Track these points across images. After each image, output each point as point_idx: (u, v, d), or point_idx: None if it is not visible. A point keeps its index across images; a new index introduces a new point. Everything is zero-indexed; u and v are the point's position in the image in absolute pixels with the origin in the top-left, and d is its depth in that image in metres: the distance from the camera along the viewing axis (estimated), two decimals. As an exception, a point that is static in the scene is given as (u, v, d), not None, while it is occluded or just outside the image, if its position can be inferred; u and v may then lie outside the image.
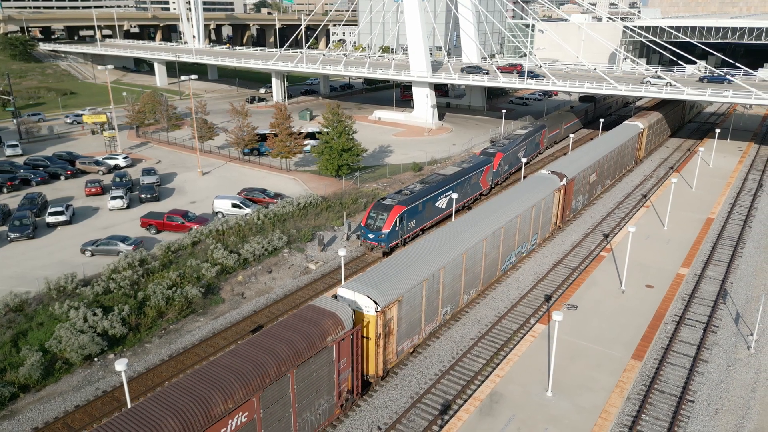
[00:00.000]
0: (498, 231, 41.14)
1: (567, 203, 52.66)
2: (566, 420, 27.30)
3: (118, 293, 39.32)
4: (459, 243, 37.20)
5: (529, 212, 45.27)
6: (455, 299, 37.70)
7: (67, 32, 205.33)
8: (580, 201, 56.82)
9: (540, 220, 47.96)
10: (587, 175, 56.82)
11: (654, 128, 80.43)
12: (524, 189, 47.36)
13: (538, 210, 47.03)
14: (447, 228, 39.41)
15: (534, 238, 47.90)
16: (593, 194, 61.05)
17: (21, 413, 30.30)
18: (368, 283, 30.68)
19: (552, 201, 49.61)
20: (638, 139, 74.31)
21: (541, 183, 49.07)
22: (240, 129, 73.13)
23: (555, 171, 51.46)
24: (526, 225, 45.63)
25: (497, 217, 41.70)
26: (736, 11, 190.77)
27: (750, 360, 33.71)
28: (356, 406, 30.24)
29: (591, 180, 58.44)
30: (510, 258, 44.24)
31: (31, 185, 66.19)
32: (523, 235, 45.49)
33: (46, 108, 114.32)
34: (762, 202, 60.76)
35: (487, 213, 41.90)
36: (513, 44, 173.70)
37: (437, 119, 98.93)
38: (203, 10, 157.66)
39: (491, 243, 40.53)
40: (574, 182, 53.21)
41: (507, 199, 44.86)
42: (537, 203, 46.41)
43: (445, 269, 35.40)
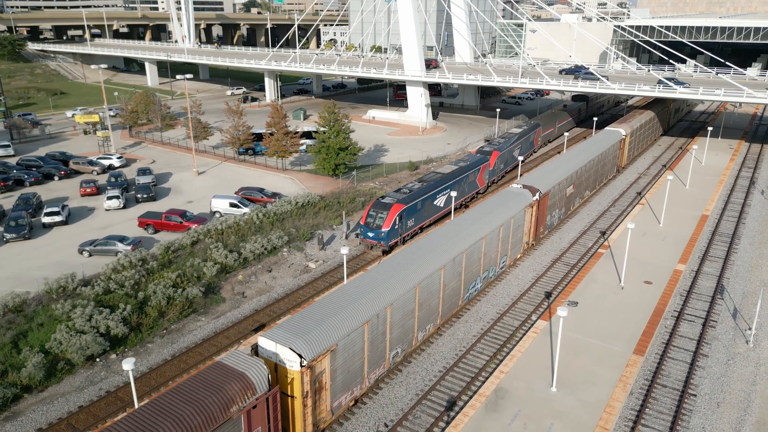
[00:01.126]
0: (459, 257, 36.63)
1: (541, 219, 48.66)
2: (571, 415, 27.54)
3: (118, 293, 39.12)
4: (411, 274, 32.50)
5: (496, 233, 40.98)
6: (407, 338, 33.08)
7: (55, 32, 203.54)
8: (556, 216, 52.62)
9: (510, 241, 43.73)
10: (563, 187, 52.73)
11: (638, 134, 76.94)
12: (492, 207, 42.80)
13: (507, 229, 42.84)
14: (398, 256, 34.52)
15: (503, 260, 43.63)
16: (571, 207, 56.92)
17: (24, 414, 30.09)
18: (294, 331, 25.97)
19: (523, 218, 45.41)
20: (620, 146, 70.64)
21: (511, 199, 44.82)
22: (235, 128, 72.90)
23: (527, 185, 47.42)
24: (493, 247, 41.16)
25: (458, 240, 37.15)
26: (723, 11, 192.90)
27: (749, 354, 34.16)
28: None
29: (568, 193, 54.24)
30: (475, 285, 39.78)
31: (25, 186, 65.58)
32: (489, 259, 40.93)
33: (37, 108, 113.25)
34: (755, 199, 61.54)
35: (447, 236, 37.29)
36: (504, 44, 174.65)
37: (431, 118, 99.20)
38: (193, 10, 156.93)
39: (451, 271, 36.05)
40: (549, 196, 49.23)
41: (471, 219, 40.17)
42: (506, 222, 42.17)
43: (394, 307, 30.79)
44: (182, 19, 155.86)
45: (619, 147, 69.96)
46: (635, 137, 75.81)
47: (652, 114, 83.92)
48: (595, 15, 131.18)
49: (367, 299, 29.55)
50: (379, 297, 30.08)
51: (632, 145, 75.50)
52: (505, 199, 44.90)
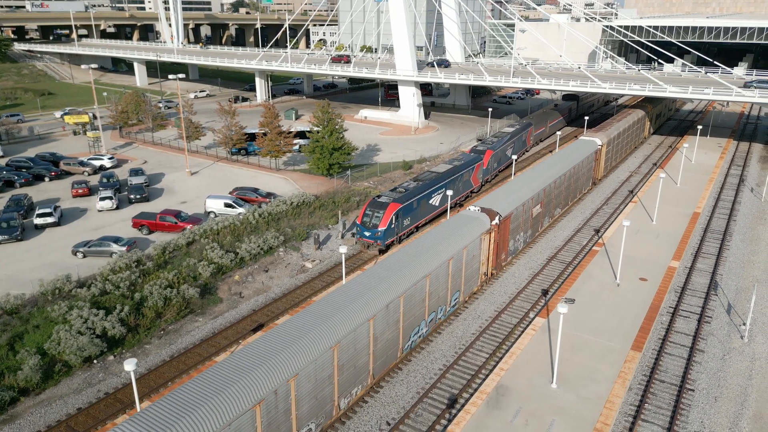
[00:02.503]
0: (395, 303, 30.91)
1: (502, 245, 43.50)
2: (572, 411, 27.76)
3: (115, 294, 38.83)
4: (327, 332, 26.46)
5: (443, 268, 35.46)
6: (325, 408, 27.21)
7: (42, 32, 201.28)
8: (521, 240, 47.46)
9: (462, 274, 38.38)
10: (529, 208, 47.52)
11: (616, 142, 71.72)
12: (441, 236, 37.27)
13: (459, 262, 37.51)
14: (315, 307, 28.37)
15: (455, 297, 38.12)
16: (539, 229, 51.58)
17: (22, 417, 29.78)
18: (154, 423, 20.32)
19: (479, 247, 39.98)
20: (596, 158, 64.80)
21: (465, 226, 39.08)
22: (228, 128, 72.59)
23: (485, 208, 41.89)
24: (441, 284, 35.71)
25: (394, 282, 31.15)
26: (709, 11, 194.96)
27: (744, 349, 34.63)
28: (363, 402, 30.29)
29: (535, 213, 49.02)
30: (418, 330, 34.45)
31: (15, 187, 64.87)
32: (436, 298, 35.64)
33: (25, 109, 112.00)
34: (745, 196, 62.33)
35: (381, 278, 31.35)
36: (495, 44, 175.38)
37: (423, 118, 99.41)
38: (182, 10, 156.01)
39: (385, 321, 30.36)
40: (511, 219, 44.08)
41: (414, 254, 34.45)
42: (456, 254, 36.78)
43: (300, 378, 24.76)
44: (170, 19, 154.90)
45: (594, 158, 64.33)
46: (613, 146, 70.88)
47: (632, 120, 79.40)
48: (583, 15, 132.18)
49: (265, 368, 23.38)
50: (281, 366, 23.94)
51: (610, 155, 70.42)
52: (457, 226, 38.98)
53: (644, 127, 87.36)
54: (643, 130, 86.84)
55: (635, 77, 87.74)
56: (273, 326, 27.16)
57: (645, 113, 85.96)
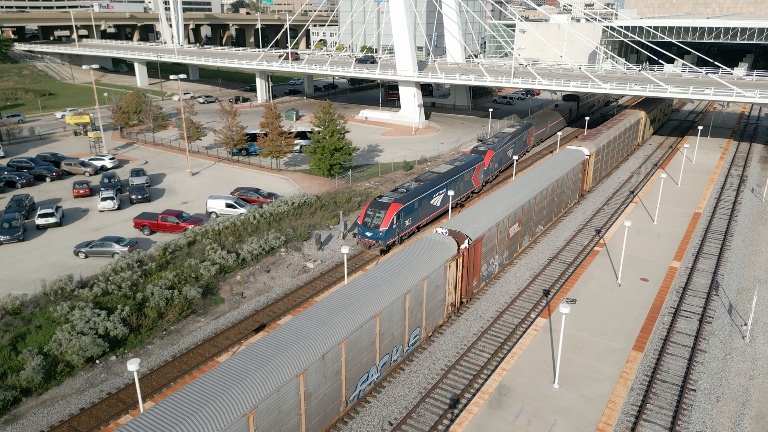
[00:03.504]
0: (333, 351, 26.27)
1: (473, 271, 39.22)
2: (575, 410, 27.79)
3: (117, 294, 38.87)
4: (240, 396, 21.83)
5: (399, 304, 31.00)
6: None
7: (42, 32, 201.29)
8: (495, 263, 43.09)
9: (423, 308, 33.93)
10: (505, 227, 43.23)
11: (605, 151, 67.53)
12: (399, 265, 32.73)
13: (419, 295, 33.02)
14: (233, 361, 23.50)
15: (415, 334, 33.69)
16: (517, 249, 47.31)
17: (25, 417, 29.82)
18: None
19: (444, 276, 35.55)
20: (583, 169, 60.22)
21: (428, 252, 34.67)
22: (229, 129, 72.64)
23: (453, 230, 37.80)
24: (396, 322, 31.18)
25: (335, 326, 26.59)
26: (709, 11, 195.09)
27: (746, 349, 34.67)
28: (366, 402, 30.34)
29: (512, 233, 44.86)
30: (367, 378, 29.73)
31: (16, 187, 64.94)
32: (390, 339, 31.02)
33: (25, 109, 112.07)
34: (745, 196, 62.38)
35: (319, 320, 26.71)
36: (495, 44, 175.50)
37: (424, 118, 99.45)
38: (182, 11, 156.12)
39: (320, 373, 25.55)
40: (483, 242, 39.71)
41: (363, 287, 30.00)
42: (415, 286, 32.29)
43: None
44: (171, 20, 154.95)
45: (581, 169, 59.80)
46: (603, 155, 66.85)
47: (624, 127, 75.15)
48: (584, 15, 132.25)
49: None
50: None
51: (599, 165, 66.17)
52: (419, 253, 34.52)
53: (637, 134, 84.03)
54: (636, 136, 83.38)
55: (636, 78, 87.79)
56: (182, 387, 22.43)
57: (638, 119, 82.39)
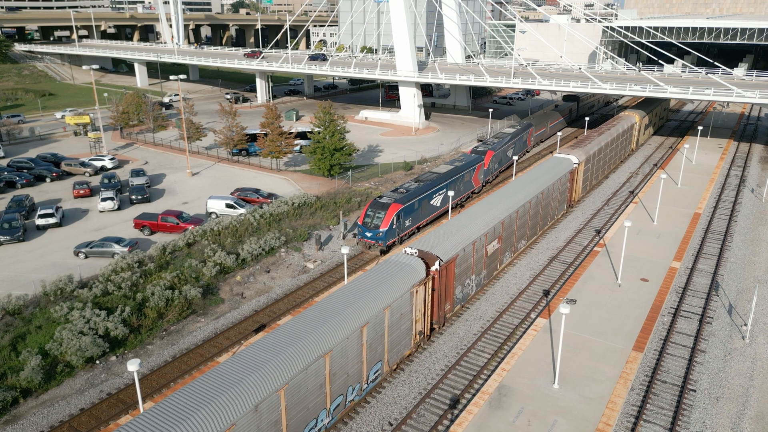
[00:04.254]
0: (270, 401, 23.03)
1: (445, 295, 36.21)
2: (575, 411, 27.79)
3: (117, 295, 38.87)
4: None
5: (355, 338, 27.77)
6: None
7: (42, 33, 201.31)
8: (472, 284, 39.84)
9: (385, 340, 30.61)
10: (482, 245, 39.92)
11: (596, 159, 63.93)
12: (358, 292, 29.49)
13: (379, 326, 29.67)
14: (139, 421, 20.42)
15: (375, 369, 30.37)
16: (497, 267, 43.91)
17: (25, 417, 29.83)
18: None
19: (410, 302, 32.20)
20: (571, 178, 57.12)
21: (393, 277, 31.31)
22: (229, 129, 72.65)
23: (423, 251, 34.65)
24: (351, 359, 27.94)
25: (272, 370, 23.22)
26: (709, 12, 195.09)
27: (746, 349, 34.67)
28: (365, 402, 30.35)
29: (490, 250, 41.36)
30: (316, 424, 26.41)
31: (16, 188, 64.95)
32: (344, 378, 27.66)
33: (25, 109, 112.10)
34: (745, 197, 62.39)
35: (254, 363, 23.38)
36: (495, 44, 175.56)
37: (424, 119, 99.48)
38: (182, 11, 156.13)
39: (252, 426, 22.37)
40: (457, 262, 36.65)
41: (314, 320, 26.73)
42: (375, 317, 29.00)
43: None
44: (171, 20, 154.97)
45: (569, 179, 56.54)
46: (593, 163, 63.39)
47: (616, 133, 71.82)
48: (584, 16, 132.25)
49: None
50: None
51: (589, 174, 62.68)
52: (382, 277, 31.24)
53: (631, 139, 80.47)
54: (629, 142, 79.79)
55: (636, 78, 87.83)
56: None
57: (632, 124, 78.84)
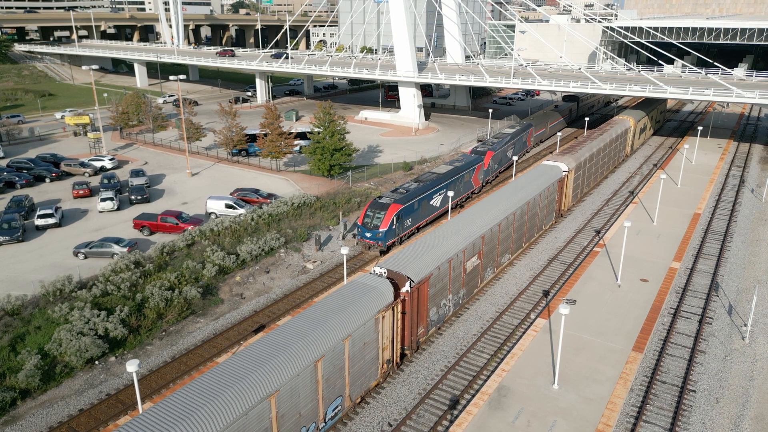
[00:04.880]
0: None
1: (418, 318, 33.59)
2: (574, 411, 27.76)
3: (116, 295, 38.82)
4: None
5: (308, 374, 24.90)
6: None
7: (42, 33, 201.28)
8: (449, 304, 37.17)
9: (345, 373, 27.71)
10: (460, 262, 37.31)
11: (587, 166, 61.17)
12: (315, 321, 26.54)
13: (338, 358, 26.77)
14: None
15: (335, 406, 27.55)
16: (478, 284, 41.04)
17: (23, 418, 29.79)
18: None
19: (375, 330, 29.31)
20: (560, 187, 54.38)
21: (356, 302, 28.37)
22: (228, 129, 72.61)
23: (393, 271, 31.90)
24: (304, 397, 25.11)
25: (205, 415, 20.56)
26: (709, 12, 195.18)
27: (745, 350, 34.64)
28: (365, 403, 30.31)
29: (469, 267, 38.66)
30: None
31: (16, 188, 64.90)
32: (295, 419, 24.83)
33: (25, 110, 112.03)
34: (745, 197, 62.36)
35: (186, 409, 20.70)
36: (495, 45, 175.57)
37: (423, 119, 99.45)
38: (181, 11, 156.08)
39: None
40: (431, 282, 34.02)
41: (261, 356, 23.95)
42: (333, 349, 26.08)
43: None
44: (171, 20, 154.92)
45: (557, 188, 53.88)
46: (584, 170, 60.57)
47: (609, 138, 69.08)
48: (584, 16, 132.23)
49: None
50: None
51: (580, 182, 59.98)
52: (345, 302, 28.30)
53: (625, 144, 77.80)
54: (624, 147, 77.32)
55: (635, 78, 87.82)
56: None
57: (626, 128, 76.16)
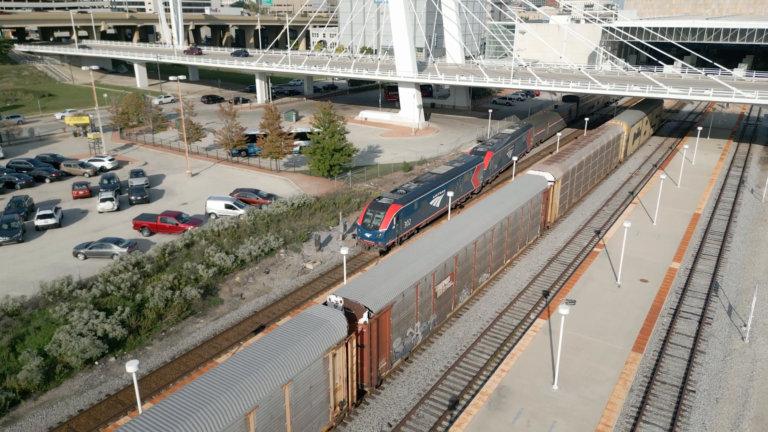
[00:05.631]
0: None
1: (379, 351, 30.22)
2: (574, 412, 27.76)
3: (116, 296, 38.82)
4: None
5: (236, 429, 21.45)
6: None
7: (42, 33, 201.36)
8: (417, 332, 33.45)
9: (286, 423, 24.22)
10: (429, 286, 33.66)
11: (577, 174, 57.73)
12: (250, 362, 23.43)
13: (276, 407, 23.40)
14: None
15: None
16: (451, 308, 37.26)
17: (23, 419, 29.79)
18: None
19: (325, 370, 26.00)
20: (545, 198, 50.87)
21: (302, 338, 25.22)
22: (228, 130, 72.60)
23: (350, 300, 28.46)
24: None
25: None
26: (708, 12, 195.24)
27: (745, 350, 34.64)
28: (365, 403, 30.30)
29: (440, 291, 35.01)
30: None
31: (16, 188, 64.90)
32: None
33: (25, 110, 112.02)
34: (745, 197, 62.36)
35: None
36: (494, 45, 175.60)
37: (423, 119, 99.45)
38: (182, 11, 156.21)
39: None
40: (394, 311, 30.50)
41: (180, 408, 20.87)
42: (268, 398, 22.80)
43: None
44: (170, 21, 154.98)
45: (542, 200, 50.41)
46: (572, 179, 56.90)
47: (600, 145, 65.39)
48: (583, 16, 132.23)
49: None
50: None
51: (568, 191, 56.30)
52: (287, 340, 24.99)
53: (618, 150, 74.33)
54: (617, 153, 73.89)
55: (635, 78, 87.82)
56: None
57: (619, 134, 72.51)
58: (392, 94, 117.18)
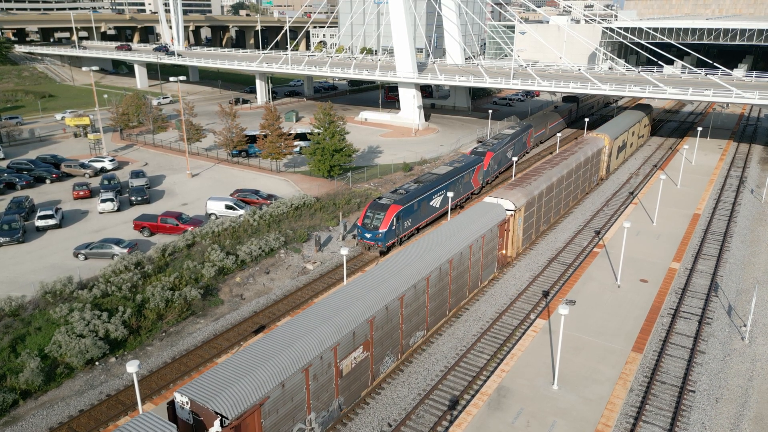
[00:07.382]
0: None
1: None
2: (574, 412, 27.79)
3: (116, 296, 38.86)
4: None
5: None
6: None
7: (42, 34, 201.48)
8: (312, 426, 26.29)
9: None
10: (328, 366, 26.66)
11: (546, 198, 50.78)
12: None
13: None
14: None
15: None
16: (368, 384, 30.37)
17: (24, 419, 29.83)
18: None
19: None
20: (502, 232, 43.49)
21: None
22: (228, 130, 72.67)
23: (198, 405, 21.50)
24: None
25: None
26: (708, 13, 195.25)
27: (745, 350, 34.67)
28: (364, 402, 30.34)
29: (347, 367, 28.08)
30: None
31: (16, 189, 64.98)
32: None
33: (25, 111, 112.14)
34: (745, 197, 62.39)
35: None
36: (494, 45, 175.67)
37: (423, 120, 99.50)
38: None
39: None
40: (263, 412, 23.17)
41: None
42: None
43: None
44: (171, 21, 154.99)
45: (499, 234, 43.04)
46: (540, 204, 49.97)
47: (576, 163, 57.85)
48: (583, 17, 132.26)
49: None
50: None
51: (534, 219, 49.37)
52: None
53: (599, 165, 66.94)
54: (597, 169, 66.33)
55: (635, 79, 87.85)
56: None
57: (599, 148, 65.18)
58: (392, 94, 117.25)
